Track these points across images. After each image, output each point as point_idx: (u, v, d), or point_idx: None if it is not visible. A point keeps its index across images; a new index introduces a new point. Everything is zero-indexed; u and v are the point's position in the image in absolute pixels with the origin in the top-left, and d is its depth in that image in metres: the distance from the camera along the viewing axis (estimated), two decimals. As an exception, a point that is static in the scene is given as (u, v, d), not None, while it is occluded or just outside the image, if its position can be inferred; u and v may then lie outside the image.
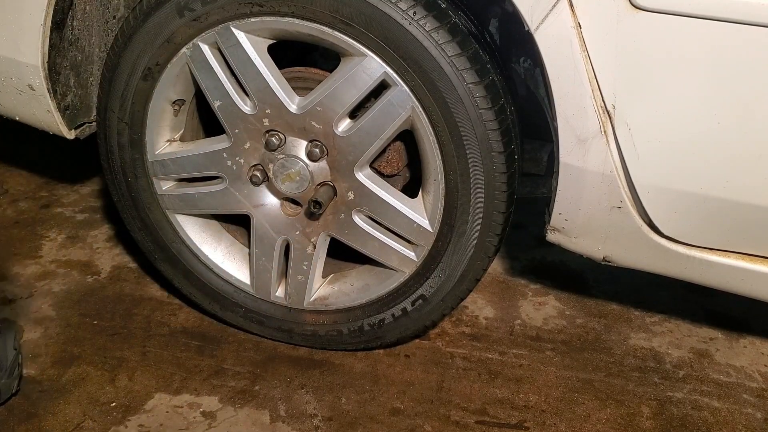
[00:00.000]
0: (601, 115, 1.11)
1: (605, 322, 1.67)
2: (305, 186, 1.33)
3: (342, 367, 1.49)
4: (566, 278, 1.82)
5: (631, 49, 1.05)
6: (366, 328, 1.45)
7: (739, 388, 1.49)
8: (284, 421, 1.36)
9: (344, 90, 1.22)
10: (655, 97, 1.07)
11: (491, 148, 1.20)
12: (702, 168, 1.12)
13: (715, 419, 1.41)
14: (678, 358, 1.57)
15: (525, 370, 1.51)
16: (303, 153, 1.31)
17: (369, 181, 1.31)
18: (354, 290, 1.46)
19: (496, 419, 1.38)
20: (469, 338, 1.59)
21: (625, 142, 1.12)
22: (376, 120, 1.23)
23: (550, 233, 1.30)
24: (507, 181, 1.24)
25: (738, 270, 1.21)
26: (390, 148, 1.33)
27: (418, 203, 1.32)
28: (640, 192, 1.16)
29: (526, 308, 1.71)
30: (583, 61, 1.07)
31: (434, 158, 1.24)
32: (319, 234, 1.39)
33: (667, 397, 1.45)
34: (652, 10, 1.01)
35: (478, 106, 1.17)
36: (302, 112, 1.26)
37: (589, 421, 1.38)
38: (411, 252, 1.36)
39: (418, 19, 1.12)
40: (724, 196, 1.13)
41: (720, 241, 1.20)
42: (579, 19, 1.05)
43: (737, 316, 1.71)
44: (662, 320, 1.69)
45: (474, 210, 1.26)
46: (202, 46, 1.26)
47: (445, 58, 1.14)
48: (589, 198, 1.19)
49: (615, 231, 1.22)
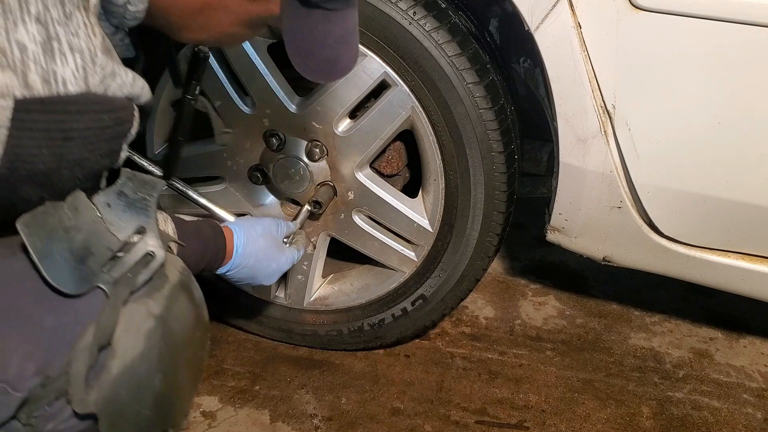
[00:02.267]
0: (601, 115, 1.11)
1: (605, 322, 1.67)
2: (305, 186, 1.33)
3: (342, 367, 1.49)
4: (566, 278, 1.82)
5: (631, 49, 1.05)
6: (366, 328, 1.45)
7: (739, 388, 1.49)
8: (284, 421, 1.36)
9: (344, 90, 1.22)
10: (655, 97, 1.07)
11: (491, 148, 1.20)
12: (702, 168, 1.12)
13: (715, 419, 1.41)
14: (678, 358, 1.57)
15: (525, 370, 1.51)
16: (303, 153, 1.31)
17: (369, 181, 1.31)
18: (354, 290, 1.46)
19: (496, 419, 1.38)
20: (469, 338, 1.59)
21: (625, 142, 1.12)
22: (376, 120, 1.23)
23: (550, 233, 1.29)
24: (507, 181, 1.24)
25: (738, 270, 1.21)
26: (390, 148, 1.33)
27: (418, 203, 1.32)
28: (640, 192, 1.16)
29: (526, 308, 1.71)
30: (583, 61, 1.07)
31: (434, 158, 1.24)
32: (319, 234, 1.39)
33: (667, 397, 1.45)
34: (652, 10, 1.01)
35: (478, 106, 1.17)
36: (302, 112, 1.26)
37: (589, 421, 1.38)
38: (411, 252, 1.36)
39: (418, 19, 1.12)
40: (724, 196, 1.13)
41: (720, 241, 1.20)
42: (579, 19, 1.05)
43: (737, 316, 1.71)
44: (662, 320, 1.69)
45: (474, 210, 1.26)
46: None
47: (445, 58, 1.14)
48: (589, 198, 1.19)
49: (615, 231, 1.22)
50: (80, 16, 0.62)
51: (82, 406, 0.66)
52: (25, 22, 0.58)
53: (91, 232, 0.71)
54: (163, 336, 0.73)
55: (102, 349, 0.68)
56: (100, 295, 0.69)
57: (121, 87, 0.66)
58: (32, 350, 0.65)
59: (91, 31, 0.63)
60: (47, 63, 0.59)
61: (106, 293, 0.69)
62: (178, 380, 0.78)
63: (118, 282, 0.70)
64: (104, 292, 0.69)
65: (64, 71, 0.61)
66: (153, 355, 0.71)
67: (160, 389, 0.73)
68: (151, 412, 0.73)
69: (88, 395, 0.66)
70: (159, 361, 0.72)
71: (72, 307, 0.67)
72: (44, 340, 0.65)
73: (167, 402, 0.76)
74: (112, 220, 0.74)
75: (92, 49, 0.63)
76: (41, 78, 0.59)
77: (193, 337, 0.79)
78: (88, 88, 0.62)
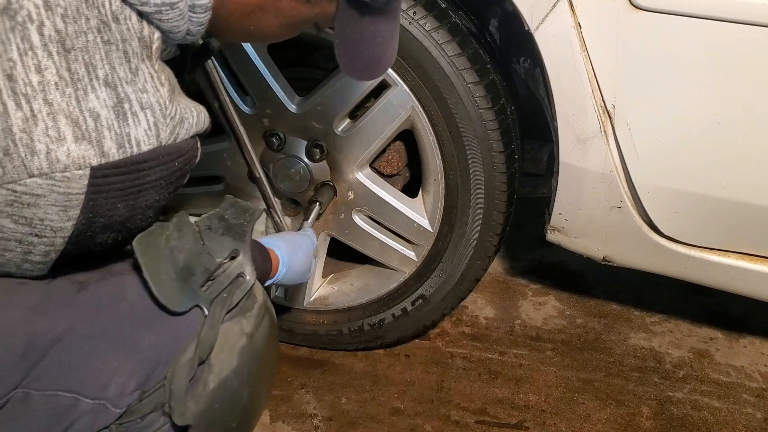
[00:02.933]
0: (601, 115, 1.11)
1: (605, 322, 1.67)
2: (305, 186, 1.33)
3: (342, 366, 1.49)
4: (566, 278, 1.81)
5: (631, 49, 1.05)
6: (366, 327, 1.45)
7: (739, 388, 1.49)
8: (284, 420, 1.36)
9: (344, 90, 1.22)
10: (655, 97, 1.07)
11: (491, 147, 1.20)
12: (702, 168, 1.12)
13: (715, 419, 1.41)
14: (678, 358, 1.57)
15: (525, 370, 1.51)
16: (303, 153, 1.31)
17: (369, 181, 1.31)
18: (354, 290, 1.46)
19: (496, 419, 1.38)
20: (469, 338, 1.59)
21: (625, 142, 1.12)
22: (376, 120, 1.23)
23: (550, 233, 1.29)
24: (507, 181, 1.24)
25: (738, 270, 1.21)
26: (390, 148, 1.33)
27: (418, 203, 1.32)
28: (640, 192, 1.16)
29: (526, 308, 1.71)
30: (583, 61, 1.07)
31: (434, 158, 1.24)
32: (319, 234, 1.39)
33: (667, 397, 1.45)
34: (652, 10, 1.01)
35: (478, 105, 1.17)
36: (302, 112, 1.26)
37: (589, 421, 1.38)
38: (411, 252, 1.36)
39: (418, 18, 1.12)
40: (724, 196, 1.13)
41: (720, 241, 1.20)
42: (579, 19, 1.05)
43: (737, 316, 1.71)
44: (662, 320, 1.69)
45: (474, 210, 1.26)
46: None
47: (445, 57, 1.14)
48: (589, 198, 1.19)
49: (615, 231, 1.22)
50: (146, 68, 0.62)
51: (182, 418, 0.70)
52: (95, 88, 0.58)
53: (192, 252, 0.74)
54: (252, 353, 0.76)
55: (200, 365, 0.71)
56: (197, 313, 0.72)
57: (188, 130, 0.67)
58: (133, 369, 0.68)
59: (158, 82, 0.63)
60: (121, 127, 0.60)
61: (204, 312, 0.72)
62: (260, 395, 0.82)
63: (214, 301, 0.74)
64: (202, 310, 0.72)
65: (137, 132, 0.61)
66: (244, 371, 0.75)
67: (246, 403, 0.77)
68: (237, 425, 0.77)
69: (187, 408, 0.70)
70: (248, 377, 0.76)
71: (171, 326, 0.70)
72: (144, 360, 0.68)
73: (250, 415, 0.80)
74: (210, 243, 0.78)
75: (162, 102, 0.63)
76: (116, 144, 0.59)
77: (272, 354, 0.83)
78: (160, 143, 0.63)
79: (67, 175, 0.57)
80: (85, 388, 0.66)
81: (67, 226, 0.60)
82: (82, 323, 0.66)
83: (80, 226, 0.60)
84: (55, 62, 0.56)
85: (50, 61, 0.56)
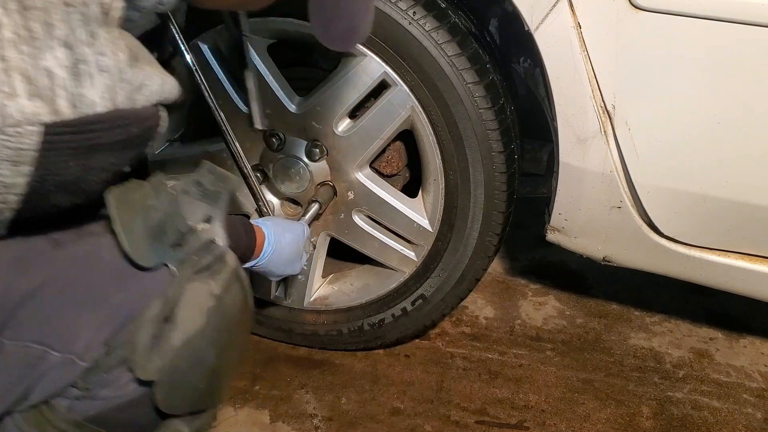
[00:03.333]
0: (601, 115, 1.11)
1: (605, 322, 1.67)
2: (305, 186, 1.33)
3: (342, 366, 1.49)
4: (566, 278, 1.81)
5: (631, 49, 1.05)
6: (366, 327, 1.45)
7: (739, 388, 1.49)
8: (284, 421, 1.36)
9: (344, 90, 1.22)
10: (655, 97, 1.07)
11: (491, 147, 1.20)
12: (702, 168, 1.12)
13: (715, 419, 1.41)
14: (678, 358, 1.57)
15: (525, 370, 1.51)
16: (303, 153, 1.31)
17: (369, 181, 1.31)
18: (354, 290, 1.46)
19: (496, 419, 1.38)
20: (469, 338, 1.59)
21: (625, 142, 1.12)
22: (375, 120, 1.23)
23: (550, 233, 1.29)
24: (507, 181, 1.24)
25: (738, 270, 1.21)
26: (390, 148, 1.33)
27: (418, 203, 1.32)
28: (640, 192, 1.16)
29: (526, 308, 1.71)
30: (583, 61, 1.07)
31: (434, 158, 1.24)
32: (319, 234, 1.39)
33: (667, 397, 1.45)
34: (652, 10, 1.01)
35: (477, 105, 1.17)
36: (302, 112, 1.26)
37: (589, 421, 1.38)
38: (411, 252, 1.36)
39: (417, 18, 1.12)
40: (724, 196, 1.13)
41: (720, 241, 1.20)
42: (579, 19, 1.05)
43: (737, 316, 1.71)
44: (662, 320, 1.69)
45: (474, 210, 1.26)
46: (202, 46, 1.26)
47: (445, 57, 1.14)
48: (589, 198, 1.19)
49: (615, 231, 1.22)
50: (104, 33, 0.62)
51: (144, 372, 0.72)
52: (52, 48, 0.59)
53: (167, 213, 0.76)
54: (221, 316, 0.78)
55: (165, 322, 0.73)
56: (165, 272, 0.74)
57: (149, 97, 0.67)
58: (101, 325, 0.70)
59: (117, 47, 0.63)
60: (76, 87, 0.60)
61: (172, 271, 0.74)
62: (228, 360, 0.82)
63: (183, 262, 0.75)
64: (170, 269, 0.74)
65: (92, 93, 0.61)
66: (211, 332, 0.76)
67: (213, 365, 0.78)
68: (203, 386, 0.78)
69: (150, 363, 0.72)
70: (215, 339, 0.77)
71: (140, 283, 0.72)
72: (112, 316, 0.71)
73: (217, 379, 0.81)
74: (185, 206, 0.79)
75: (119, 67, 0.63)
76: (69, 103, 0.60)
77: (242, 321, 0.84)
78: (116, 107, 0.63)
79: (19, 131, 0.57)
80: (54, 342, 0.68)
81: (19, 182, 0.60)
82: (56, 278, 0.69)
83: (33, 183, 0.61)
84: (14, 20, 0.57)
85: (8, 19, 0.57)
